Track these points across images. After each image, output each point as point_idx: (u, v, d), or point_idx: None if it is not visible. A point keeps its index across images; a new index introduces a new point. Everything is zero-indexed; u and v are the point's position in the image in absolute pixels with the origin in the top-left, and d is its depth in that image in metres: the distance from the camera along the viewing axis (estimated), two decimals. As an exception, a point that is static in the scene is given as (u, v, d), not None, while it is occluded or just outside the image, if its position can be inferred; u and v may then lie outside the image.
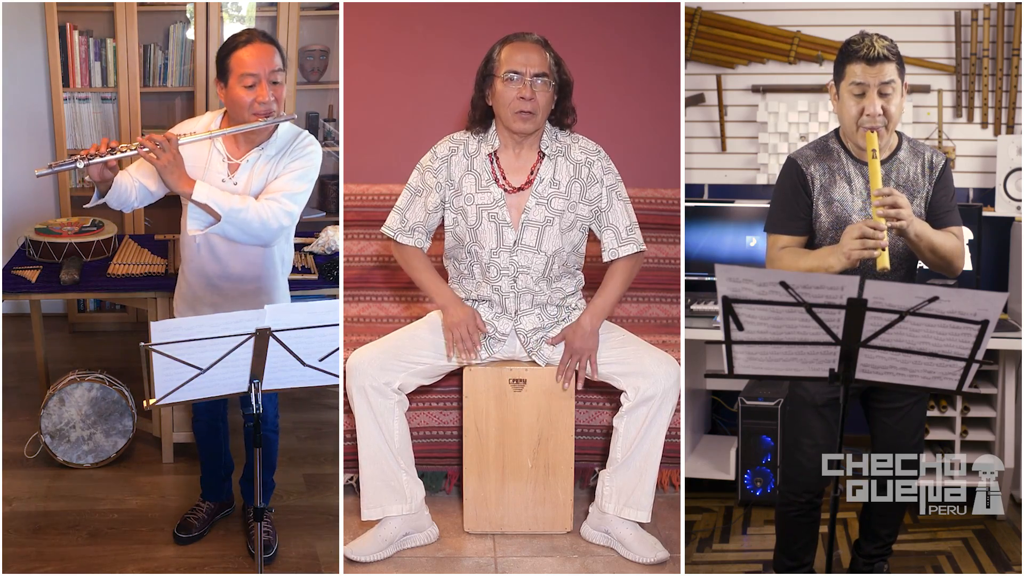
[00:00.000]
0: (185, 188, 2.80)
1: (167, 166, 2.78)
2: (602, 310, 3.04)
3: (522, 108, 2.91)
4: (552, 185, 3.02)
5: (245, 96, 2.82)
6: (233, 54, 2.81)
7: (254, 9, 4.78)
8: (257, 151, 2.91)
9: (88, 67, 4.71)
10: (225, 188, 2.88)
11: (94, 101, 4.80)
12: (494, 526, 3.14)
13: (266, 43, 2.83)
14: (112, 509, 3.41)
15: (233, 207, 2.80)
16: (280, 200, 2.85)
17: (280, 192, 2.86)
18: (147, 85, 4.78)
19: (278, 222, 2.85)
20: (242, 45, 2.81)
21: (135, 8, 4.61)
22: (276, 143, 2.91)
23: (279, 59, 2.85)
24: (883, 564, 3.02)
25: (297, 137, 2.94)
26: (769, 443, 3.59)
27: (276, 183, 2.88)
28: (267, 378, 2.44)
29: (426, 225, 3.06)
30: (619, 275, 3.07)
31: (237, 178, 2.90)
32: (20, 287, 3.65)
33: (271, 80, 2.82)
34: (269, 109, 2.84)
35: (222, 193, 2.82)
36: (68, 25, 4.64)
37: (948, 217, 2.71)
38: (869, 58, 2.60)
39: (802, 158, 2.74)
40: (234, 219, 2.81)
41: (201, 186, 2.80)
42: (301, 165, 2.89)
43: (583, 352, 3.00)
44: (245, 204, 2.81)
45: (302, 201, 2.92)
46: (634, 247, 3.06)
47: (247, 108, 2.83)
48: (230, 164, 2.91)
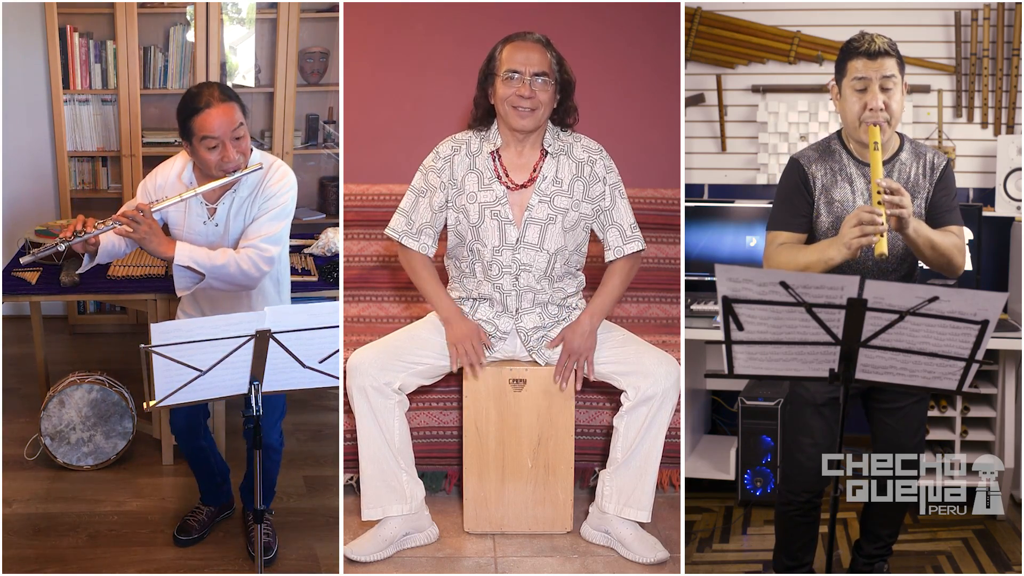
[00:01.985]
0: (167, 253, 2.89)
1: (145, 237, 2.87)
2: (601, 310, 3.04)
3: (520, 105, 2.92)
4: (555, 183, 3.02)
5: (210, 157, 2.89)
6: (195, 118, 2.86)
7: (254, 11, 4.78)
8: (230, 194, 3.00)
9: (88, 69, 4.72)
10: (207, 230, 2.98)
11: (94, 103, 4.81)
12: (494, 526, 3.13)
13: (225, 103, 2.87)
14: (112, 511, 3.41)
15: (215, 264, 2.90)
16: (258, 246, 2.93)
17: (257, 238, 2.94)
18: (147, 87, 4.78)
19: (259, 270, 2.94)
20: (202, 110, 2.85)
21: (135, 10, 4.61)
22: (247, 184, 2.99)
23: (239, 114, 2.90)
24: (883, 564, 3.02)
25: (267, 175, 2.99)
26: (769, 443, 3.59)
27: (253, 227, 2.97)
28: (267, 380, 2.44)
29: (433, 226, 3.06)
30: (619, 275, 3.07)
31: (217, 219, 3.00)
32: (20, 289, 3.65)
33: (233, 137, 2.88)
34: (236, 165, 2.91)
35: (203, 252, 2.91)
36: (68, 27, 4.64)
37: (948, 216, 2.71)
38: (870, 53, 2.63)
39: (804, 158, 2.75)
40: (217, 275, 2.92)
41: (182, 248, 2.90)
42: (274, 204, 2.97)
43: (581, 352, 3.00)
44: (226, 259, 2.91)
45: (281, 238, 3.01)
46: (638, 245, 3.06)
47: (214, 167, 2.90)
48: (208, 208, 3.00)
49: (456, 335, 3.02)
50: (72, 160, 4.87)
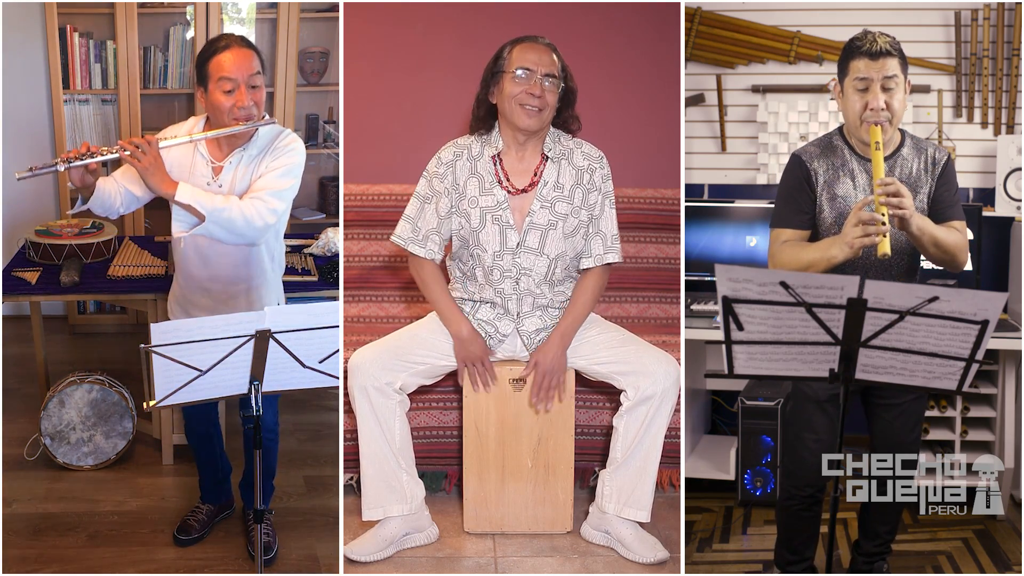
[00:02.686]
0: (168, 190, 2.81)
1: (148, 168, 2.79)
2: (572, 329, 3.04)
3: (528, 103, 2.92)
4: (556, 188, 3.02)
5: (224, 101, 2.83)
6: (212, 59, 2.83)
7: (254, 11, 4.78)
8: (239, 152, 2.91)
9: (88, 69, 4.72)
10: (209, 190, 2.89)
11: (94, 103, 4.81)
12: (494, 526, 3.14)
13: (244, 48, 2.84)
14: (112, 511, 3.41)
15: (216, 207, 2.80)
16: (264, 198, 2.84)
17: (264, 190, 2.85)
18: (147, 87, 4.79)
19: (263, 220, 2.84)
20: (221, 50, 2.82)
21: (135, 10, 4.61)
22: (257, 143, 2.92)
23: (258, 63, 2.86)
24: (883, 564, 3.03)
25: (278, 136, 2.94)
26: (769, 443, 3.59)
27: (260, 181, 2.88)
28: (267, 380, 2.44)
29: (439, 232, 3.04)
30: (590, 291, 3.06)
31: (221, 180, 2.91)
32: (20, 289, 3.65)
33: (250, 84, 2.84)
34: (249, 113, 2.85)
35: (205, 193, 2.83)
36: (68, 27, 4.64)
37: (950, 211, 2.72)
38: (872, 52, 2.63)
39: (806, 154, 2.76)
40: (218, 218, 2.81)
41: (184, 187, 2.81)
42: (284, 162, 2.89)
43: (554, 373, 3.01)
44: (228, 203, 2.82)
45: (287, 197, 2.92)
46: (615, 256, 3.07)
47: (227, 113, 2.84)
48: (213, 167, 2.92)
49: (465, 354, 3.02)
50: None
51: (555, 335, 3.03)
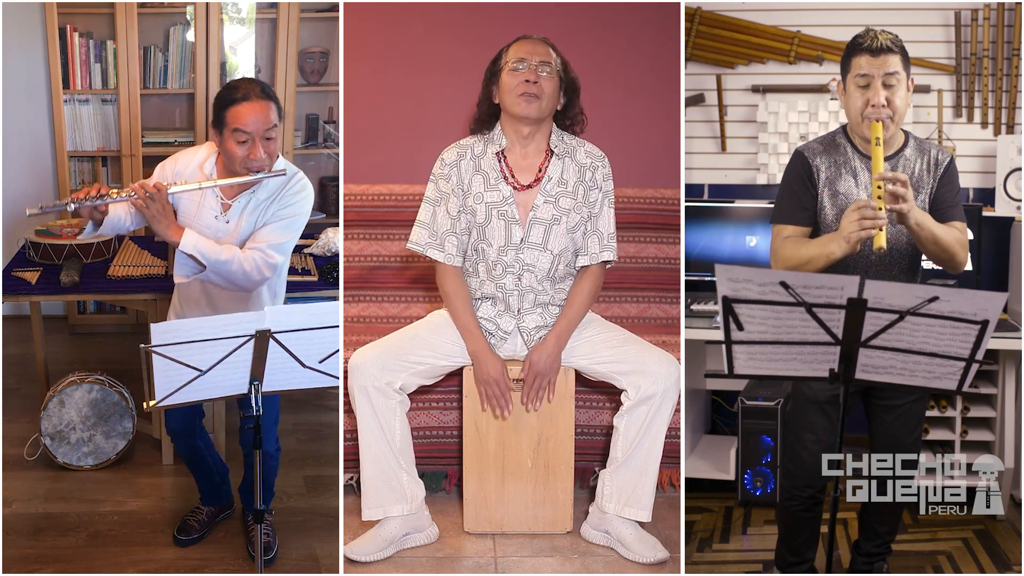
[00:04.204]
0: (174, 238, 2.86)
1: (156, 216, 2.84)
2: (568, 330, 3.04)
3: (527, 90, 2.94)
4: (560, 184, 3.03)
5: (238, 151, 2.85)
6: (229, 109, 2.83)
7: (254, 11, 4.78)
8: (248, 195, 2.95)
9: (88, 69, 4.72)
10: (217, 224, 2.94)
11: (94, 103, 4.81)
12: (494, 526, 3.13)
13: (263, 100, 2.84)
14: (112, 511, 3.41)
15: (219, 259, 2.86)
16: (264, 251, 2.90)
17: (265, 243, 2.91)
18: (147, 87, 4.79)
19: (261, 274, 2.91)
20: (239, 101, 2.82)
21: (135, 10, 4.61)
22: (267, 188, 2.95)
23: (275, 115, 2.87)
24: (883, 564, 3.03)
25: (288, 183, 2.96)
26: (769, 443, 3.59)
27: (263, 232, 2.93)
28: (267, 380, 2.44)
29: (455, 233, 3.04)
30: (585, 292, 3.06)
31: (229, 216, 2.96)
32: (20, 289, 3.65)
33: (265, 137, 2.85)
34: (261, 166, 2.88)
35: (208, 244, 2.87)
36: (68, 27, 4.65)
37: (951, 212, 2.72)
38: (873, 49, 2.64)
39: (809, 150, 2.76)
40: (219, 270, 2.88)
41: (188, 236, 2.86)
42: (289, 214, 2.94)
43: (547, 374, 3.01)
44: (230, 255, 2.87)
45: (287, 250, 2.98)
46: (611, 255, 3.08)
47: (239, 163, 2.87)
48: (223, 203, 2.96)
49: (484, 376, 3.02)
50: (72, 160, 4.87)
51: (551, 336, 3.03)
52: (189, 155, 3.03)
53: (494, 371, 3.01)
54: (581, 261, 3.07)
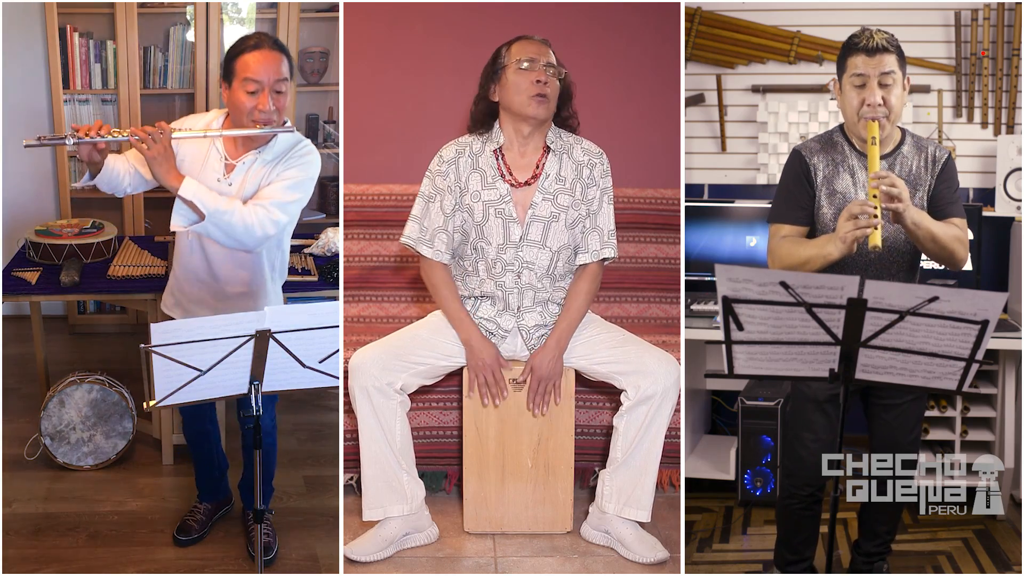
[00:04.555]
0: (172, 182, 2.78)
1: (156, 157, 2.76)
2: (568, 332, 3.04)
3: (539, 92, 2.93)
4: (558, 181, 3.03)
5: (246, 101, 2.79)
6: (240, 57, 2.78)
7: (254, 11, 4.78)
8: (254, 154, 2.88)
9: (88, 69, 4.72)
10: (219, 187, 2.87)
11: (94, 103, 4.81)
12: (494, 526, 3.13)
13: (275, 51, 2.79)
14: (112, 511, 3.41)
15: (218, 208, 2.77)
16: (268, 207, 2.81)
17: (269, 200, 2.82)
18: (147, 87, 4.79)
19: (263, 229, 2.82)
20: (250, 50, 2.78)
21: (135, 10, 4.61)
22: (274, 149, 2.89)
23: (286, 68, 2.81)
24: (883, 564, 3.03)
25: (296, 144, 2.91)
26: (769, 443, 3.59)
27: (267, 189, 2.85)
28: (267, 380, 2.44)
29: (446, 230, 3.04)
30: (583, 293, 3.06)
31: (232, 179, 2.88)
32: (20, 289, 3.65)
33: (275, 89, 2.79)
34: (269, 118, 2.81)
35: (209, 193, 2.79)
36: (68, 27, 4.64)
37: (950, 208, 2.72)
38: (869, 49, 2.64)
39: (806, 149, 2.77)
40: (218, 220, 2.78)
41: (189, 183, 2.78)
42: (295, 175, 2.86)
43: (550, 378, 3.01)
44: (231, 207, 2.79)
45: (292, 211, 2.89)
46: (611, 252, 3.08)
47: (247, 114, 2.81)
48: (227, 164, 2.89)
49: (477, 363, 3.02)
50: (72, 160, 4.87)
51: (551, 340, 3.03)
52: (197, 118, 2.98)
53: (488, 356, 3.01)
54: (581, 259, 3.07)
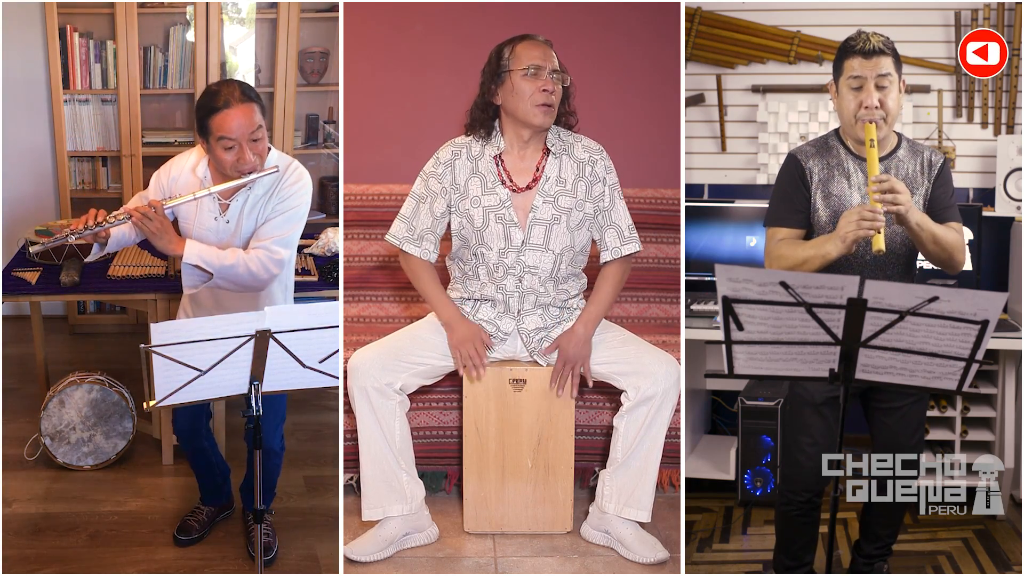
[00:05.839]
0: (177, 251, 2.88)
1: (156, 233, 2.85)
2: (596, 317, 3.04)
3: (545, 101, 2.92)
4: (558, 183, 3.02)
5: (227, 157, 2.86)
6: (212, 118, 2.82)
7: (254, 11, 4.78)
8: (244, 192, 2.96)
9: (88, 69, 4.72)
10: (218, 226, 2.95)
11: (94, 103, 4.81)
12: (494, 526, 3.13)
13: (244, 103, 2.82)
14: (112, 511, 3.41)
15: (224, 264, 2.87)
16: (268, 248, 2.90)
17: (269, 239, 2.91)
18: (147, 87, 4.79)
19: (268, 272, 2.91)
20: (221, 110, 2.81)
21: (135, 10, 4.61)
22: (263, 184, 2.95)
23: (259, 116, 2.86)
24: (883, 564, 3.02)
25: (284, 175, 2.96)
26: (769, 443, 3.59)
27: (265, 228, 2.93)
28: (267, 380, 2.44)
29: (434, 232, 3.05)
30: (612, 279, 3.07)
31: (228, 216, 2.96)
32: (20, 289, 3.65)
33: (251, 139, 2.85)
34: (252, 167, 2.88)
35: (212, 251, 2.88)
36: (68, 27, 4.65)
37: (947, 213, 2.73)
38: (865, 51, 2.65)
39: (802, 153, 2.77)
40: (225, 275, 2.89)
41: (191, 246, 2.87)
42: (288, 207, 2.94)
43: (577, 360, 3.01)
44: (235, 259, 2.88)
45: (293, 241, 2.98)
46: (634, 246, 3.07)
47: (230, 168, 2.87)
48: (220, 204, 2.97)
49: (458, 338, 3.02)
50: (72, 160, 4.87)
51: (578, 323, 3.03)
52: (182, 160, 3.04)
53: (469, 331, 3.02)
54: (604, 257, 3.07)
